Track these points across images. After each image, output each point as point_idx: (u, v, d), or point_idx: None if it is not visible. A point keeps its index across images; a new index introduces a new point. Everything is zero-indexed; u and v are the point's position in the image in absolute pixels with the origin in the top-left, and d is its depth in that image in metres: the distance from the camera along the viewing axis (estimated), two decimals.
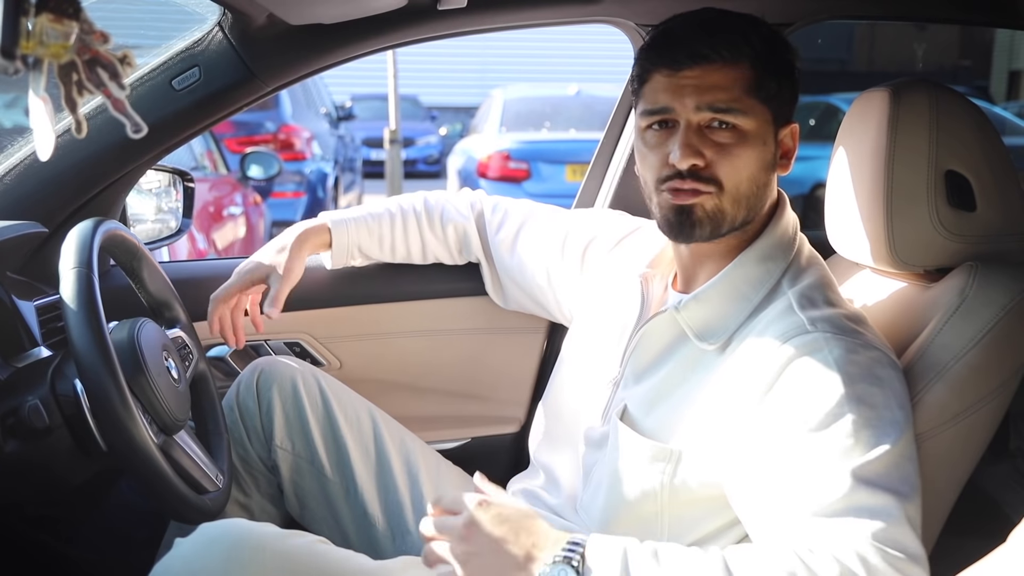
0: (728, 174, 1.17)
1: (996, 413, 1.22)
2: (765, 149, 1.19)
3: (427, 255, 1.69)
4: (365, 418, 1.57)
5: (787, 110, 1.23)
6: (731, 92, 1.16)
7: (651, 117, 1.20)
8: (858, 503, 1.00)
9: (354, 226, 1.63)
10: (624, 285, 1.39)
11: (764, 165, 1.20)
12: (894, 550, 0.97)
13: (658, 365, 1.25)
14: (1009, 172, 1.29)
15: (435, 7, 1.57)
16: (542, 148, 7.36)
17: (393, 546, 1.49)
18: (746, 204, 1.19)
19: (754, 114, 1.17)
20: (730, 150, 1.17)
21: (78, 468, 1.25)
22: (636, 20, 1.73)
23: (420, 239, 1.66)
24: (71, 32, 0.71)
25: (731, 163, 1.17)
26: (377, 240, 1.65)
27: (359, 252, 1.65)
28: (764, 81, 1.18)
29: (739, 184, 1.18)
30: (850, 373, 1.07)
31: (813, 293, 1.18)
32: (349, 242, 1.63)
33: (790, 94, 1.22)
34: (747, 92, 1.16)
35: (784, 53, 1.22)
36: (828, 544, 0.99)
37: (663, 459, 1.18)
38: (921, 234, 1.27)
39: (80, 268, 1.17)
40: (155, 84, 1.54)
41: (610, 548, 1.02)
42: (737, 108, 1.16)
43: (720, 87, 1.16)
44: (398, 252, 1.67)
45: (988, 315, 1.19)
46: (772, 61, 1.19)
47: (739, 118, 1.16)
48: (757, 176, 1.19)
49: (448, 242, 1.68)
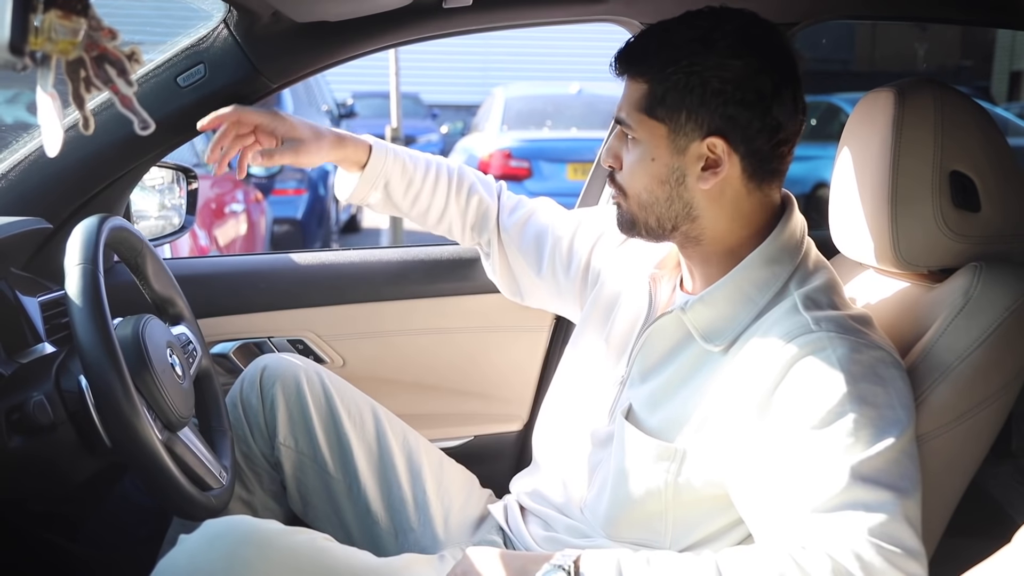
0: (627, 182, 1.25)
1: (1000, 414, 1.22)
2: (655, 164, 1.21)
3: (443, 220, 1.63)
4: (368, 416, 1.57)
5: (700, 126, 1.18)
6: (629, 106, 1.22)
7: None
8: (855, 499, 1.01)
9: (392, 157, 1.57)
10: (632, 284, 1.40)
11: (659, 180, 1.22)
12: (891, 545, 0.98)
13: (664, 365, 1.25)
14: (1013, 173, 1.29)
15: (440, 5, 1.57)
16: (543, 147, 7.35)
17: (396, 543, 1.49)
18: (654, 212, 1.24)
19: (644, 129, 1.21)
20: (628, 160, 1.25)
21: (82, 464, 1.25)
22: (641, 19, 1.72)
23: (444, 200, 1.61)
24: (79, 29, 0.71)
25: (628, 172, 1.25)
26: (407, 183, 1.59)
27: (384, 187, 1.58)
28: (662, 98, 1.19)
29: (638, 192, 1.24)
30: (853, 372, 1.08)
31: (818, 295, 1.18)
32: (383, 170, 1.56)
33: (707, 114, 1.17)
34: (638, 108, 1.21)
35: (702, 70, 1.16)
36: (823, 540, 0.99)
37: (668, 458, 1.19)
38: (925, 234, 1.27)
39: (86, 264, 1.17)
40: (160, 81, 1.54)
41: (604, 554, 1.06)
42: (627, 121, 1.23)
43: (626, 98, 1.23)
44: (419, 204, 1.61)
45: (992, 316, 1.20)
46: (673, 78, 1.17)
47: (631, 131, 1.23)
48: (652, 188, 1.23)
49: (467, 214, 1.63)
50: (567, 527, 1.34)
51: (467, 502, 1.56)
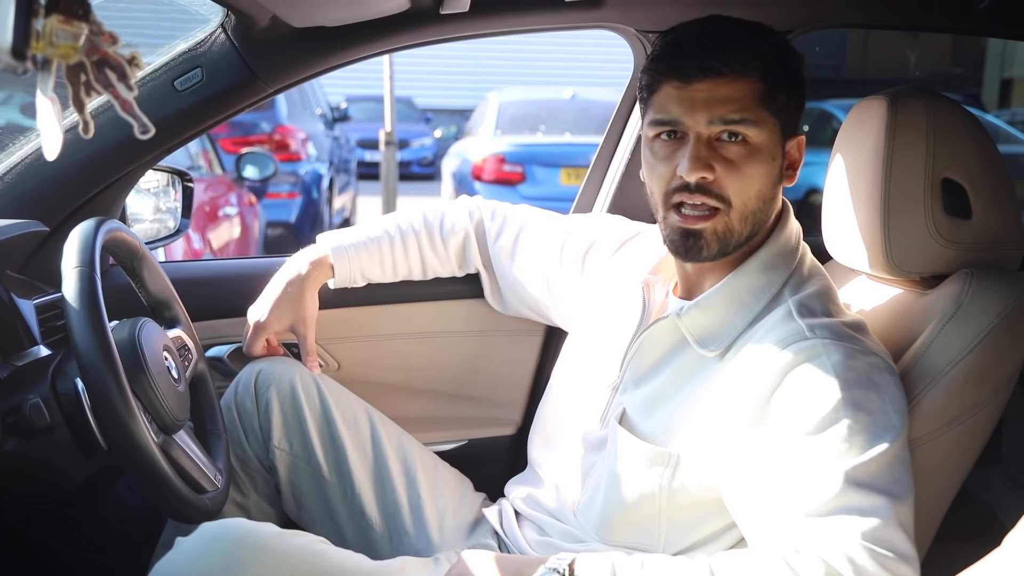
0: (737, 190, 1.17)
1: (990, 419, 1.23)
2: (773, 164, 1.20)
3: (427, 272, 1.69)
4: (363, 419, 1.57)
5: (795, 121, 1.23)
6: (742, 104, 1.16)
7: (660, 127, 1.20)
8: (848, 503, 1.02)
9: (355, 252, 1.63)
10: (625, 290, 1.40)
11: (772, 180, 1.20)
12: (884, 549, 0.99)
13: (658, 370, 1.26)
14: (1004, 181, 1.30)
15: (437, 11, 1.58)
16: (537, 151, 7.38)
17: (390, 546, 1.50)
18: (752, 220, 1.20)
19: (764, 126, 1.17)
20: (739, 166, 1.17)
21: (78, 467, 1.25)
22: (637, 26, 1.73)
23: (420, 257, 1.66)
24: (80, 33, 0.71)
25: (740, 179, 1.17)
26: (379, 263, 1.64)
27: (361, 277, 1.65)
28: (774, 93, 1.18)
29: (747, 200, 1.18)
30: (847, 379, 1.09)
31: (812, 302, 1.19)
32: (351, 269, 1.63)
33: (798, 104, 1.23)
34: (757, 104, 1.17)
35: (792, 63, 1.22)
36: (816, 544, 1.00)
37: (661, 463, 1.20)
38: (917, 241, 1.28)
39: (83, 267, 1.17)
40: (157, 84, 1.55)
41: (599, 557, 1.08)
42: (749, 119, 1.16)
43: (731, 99, 1.16)
44: (399, 271, 1.67)
45: (983, 322, 1.21)
46: (782, 72, 1.19)
47: (750, 129, 1.16)
48: (764, 191, 1.19)
49: (449, 257, 1.67)
50: (561, 532, 1.35)
51: (461, 505, 1.56)
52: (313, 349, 1.60)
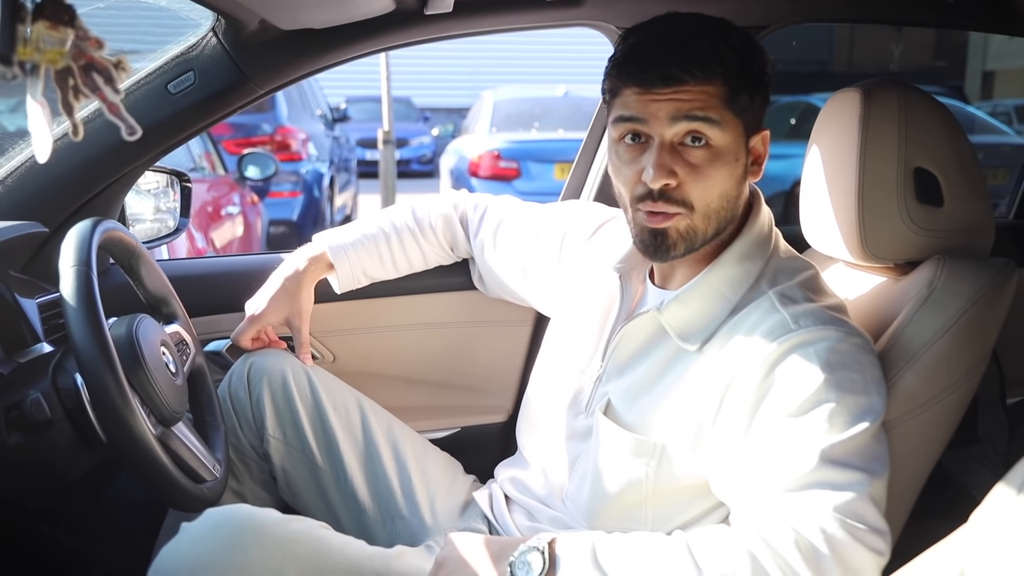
0: (699, 195, 1.17)
1: (963, 400, 1.25)
2: (737, 164, 1.19)
3: (428, 262, 1.72)
4: (353, 408, 1.59)
5: (759, 119, 1.22)
6: (704, 108, 1.15)
7: (624, 124, 1.19)
8: (824, 479, 1.04)
9: (353, 251, 1.65)
10: (602, 276, 1.41)
11: (736, 179, 1.20)
12: (855, 522, 1.01)
13: (639, 360, 1.27)
14: (974, 169, 1.32)
15: (422, 12, 1.60)
16: (531, 148, 7.41)
17: (384, 530, 1.52)
18: (716, 218, 1.20)
19: (727, 128, 1.17)
20: (702, 170, 1.16)
21: (79, 460, 1.27)
22: (616, 23, 1.75)
23: (419, 250, 1.69)
24: (67, 39, 0.72)
25: (703, 183, 1.17)
26: (379, 261, 1.67)
27: (364, 276, 1.67)
28: (736, 95, 1.17)
29: (709, 202, 1.18)
30: (832, 362, 1.11)
31: (793, 291, 1.21)
32: (353, 268, 1.65)
33: (761, 103, 1.22)
34: (720, 106, 1.16)
35: (756, 64, 1.20)
36: (790, 516, 1.03)
37: (647, 453, 1.21)
38: (891, 228, 1.30)
39: (79, 266, 1.19)
40: (151, 88, 1.57)
41: (578, 536, 1.11)
42: (712, 118, 1.15)
43: (693, 104, 1.15)
44: (400, 267, 1.70)
45: (955, 306, 1.23)
46: (745, 74, 1.18)
47: (713, 131, 1.15)
48: (728, 191, 1.19)
49: (442, 246, 1.71)
50: (550, 518, 1.37)
51: (451, 487, 1.58)
52: (307, 342, 1.63)
